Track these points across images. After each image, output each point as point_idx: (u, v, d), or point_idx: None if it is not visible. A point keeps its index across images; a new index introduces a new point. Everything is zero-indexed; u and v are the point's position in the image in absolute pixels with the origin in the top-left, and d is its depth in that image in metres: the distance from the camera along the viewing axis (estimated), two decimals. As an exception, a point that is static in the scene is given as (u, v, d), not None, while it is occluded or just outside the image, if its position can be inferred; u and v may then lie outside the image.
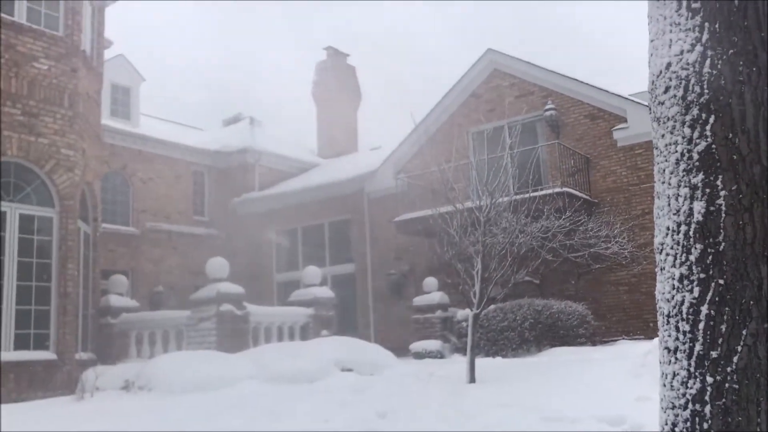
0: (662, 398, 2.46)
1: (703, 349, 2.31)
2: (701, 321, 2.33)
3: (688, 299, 2.38)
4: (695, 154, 2.45)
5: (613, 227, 14.65)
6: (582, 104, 16.37)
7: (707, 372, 2.29)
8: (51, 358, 10.72)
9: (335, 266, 20.13)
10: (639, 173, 15.33)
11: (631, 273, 15.00)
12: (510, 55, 17.75)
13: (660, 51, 2.67)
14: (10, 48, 10.83)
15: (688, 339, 2.36)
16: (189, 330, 12.14)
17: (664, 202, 2.59)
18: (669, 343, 2.44)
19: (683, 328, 2.39)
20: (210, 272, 12.49)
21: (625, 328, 15.03)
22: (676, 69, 2.58)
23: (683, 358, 2.37)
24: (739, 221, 2.31)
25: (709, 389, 2.27)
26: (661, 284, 2.55)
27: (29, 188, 11.10)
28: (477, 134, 17.35)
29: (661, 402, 2.47)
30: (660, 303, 2.55)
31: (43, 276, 11.00)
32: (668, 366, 2.43)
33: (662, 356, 2.50)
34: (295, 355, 10.95)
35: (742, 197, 2.32)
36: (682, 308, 2.40)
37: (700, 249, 2.37)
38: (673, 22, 2.60)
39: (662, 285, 2.54)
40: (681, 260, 2.43)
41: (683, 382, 2.35)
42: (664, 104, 2.64)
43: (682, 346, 2.38)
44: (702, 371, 2.30)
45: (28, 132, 10.92)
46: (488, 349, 13.51)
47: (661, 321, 2.53)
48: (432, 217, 11.61)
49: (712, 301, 2.32)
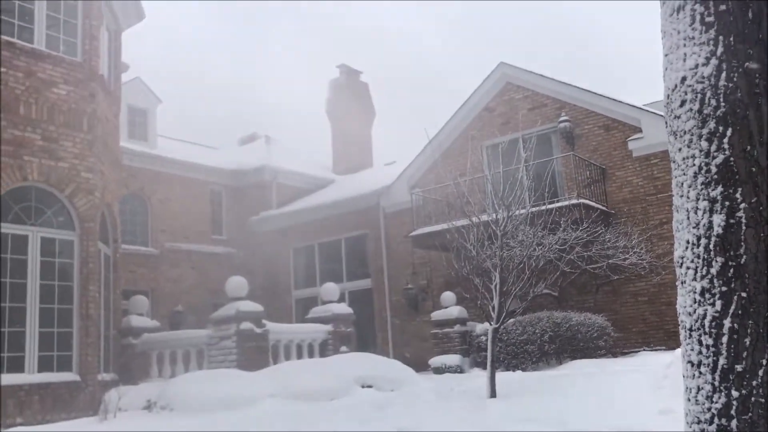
0: (687, 413, 2.45)
1: (727, 363, 2.31)
2: (724, 335, 2.33)
3: (710, 313, 2.38)
4: (713, 167, 2.46)
5: (631, 238, 14.58)
6: (596, 115, 16.35)
7: (732, 386, 2.28)
8: (74, 380, 10.80)
9: (352, 282, 20.15)
10: (655, 183, 15.26)
11: (650, 283, 14.90)
12: (522, 68, 17.79)
13: (675, 65, 2.69)
14: (30, 75, 11.01)
15: (711, 353, 2.36)
16: (210, 349, 12.19)
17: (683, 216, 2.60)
18: (692, 357, 2.44)
19: (706, 342, 2.38)
20: (229, 291, 12.56)
21: (646, 339, 14.90)
22: (691, 83, 2.60)
23: (707, 372, 2.36)
24: (759, 233, 2.31)
25: (735, 403, 2.27)
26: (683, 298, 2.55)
27: (50, 212, 11.24)
28: (491, 147, 17.36)
29: (686, 417, 2.46)
30: (682, 317, 2.55)
31: (65, 298, 11.11)
32: (692, 380, 2.43)
33: (686, 370, 2.50)
34: (315, 372, 10.97)
35: (762, 209, 2.33)
36: (705, 322, 2.40)
37: (721, 262, 2.37)
38: (687, 36, 2.62)
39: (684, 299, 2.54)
40: (702, 273, 2.44)
41: (708, 397, 2.35)
42: (680, 118, 2.65)
43: (706, 360, 2.38)
44: (727, 385, 2.30)
45: (49, 156, 11.08)
46: (508, 363, 13.45)
47: (683, 335, 2.53)
48: (448, 231, 11.61)
49: (735, 315, 2.32)
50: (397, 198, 19.14)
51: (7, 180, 10.54)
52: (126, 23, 14.42)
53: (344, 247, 20.69)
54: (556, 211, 12.91)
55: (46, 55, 11.34)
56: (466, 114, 18.48)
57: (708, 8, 2.54)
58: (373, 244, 19.78)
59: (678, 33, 2.66)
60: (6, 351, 10.20)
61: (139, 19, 14.52)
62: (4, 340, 10.21)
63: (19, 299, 10.51)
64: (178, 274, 19.86)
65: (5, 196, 10.57)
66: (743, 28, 2.47)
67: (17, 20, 11.17)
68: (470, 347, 14.90)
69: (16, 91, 10.81)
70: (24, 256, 10.69)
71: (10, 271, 10.50)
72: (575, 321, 13.71)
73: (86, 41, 12.01)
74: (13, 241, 10.60)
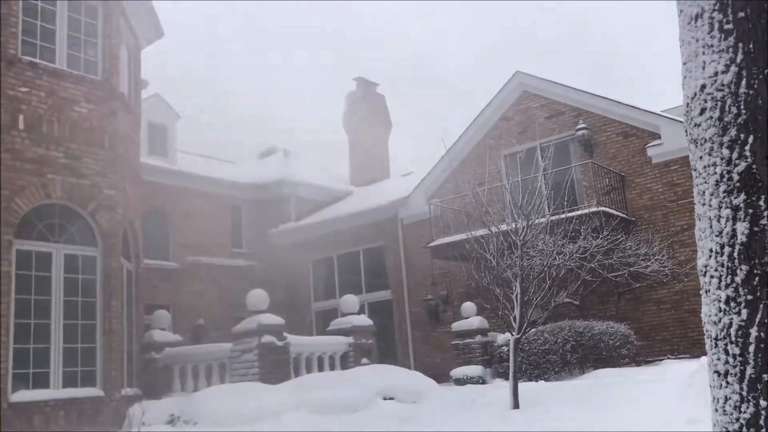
0: (715, 423, 2.43)
1: (754, 372, 2.29)
2: (751, 344, 2.31)
3: (736, 322, 2.36)
4: (735, 175, 2.44)
5: (652, 245, 14.46)
6: (614, 122, 16.28)
7: (761, 395, 2.26)
8: (98, 395, 10.89)
9: (371, 293, 20.14)
10: (676, 189, 15.14)
11: (672, 290, 14.75)
12: (538, 76, 17.77)
13: (694, 73, 2.68)
14: (52, 94, 11.20)
15: (738, 362, 2.34)
16: (232, 362, 12.24)
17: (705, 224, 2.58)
18: (719, 367, 2.42)
19: (733, 351, 2.36)
20: (250, 304, 12.61)
21: (670, 347, 14.74)
22: (711, 90, 2.59)
23: (734, 382, 2.34)
24: (784, 241, 2.29)
25: (764, 413, 2.25)
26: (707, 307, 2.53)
27: (73, 229, 11.38)
28: (509, 156, 17.33)
29: (714, 427, 2.44)
30: (707, 326, 2.53)
31: (88, 314, 11.23)
32: (719, 390, 2.41)
33: (712, 380, 2.48)
34: (336, 384, 10.97)
35: (786, 217, 2.31)
36: (731, 331, 2.38)
37: (745, 270, 2.36)
38: (706, 44, 2.62)
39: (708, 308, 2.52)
40: (726, 282, 2.42)
41: (736, 407, 2.32)
42: (700, 126, 2.64)
43: (733, 370, 2.36)
44: (755, 395, 2.27)
45: (71, 174, 11.24)
46: (530, 373, 13.35)
47: (709, 344, 2.51)
48: (467, 242, 11.59)
49: (762, 323, 2.29)
50: (415, 209, 19.14)
51: (31, 198, 10.70)
52: (145, 41, 14.62)
53: (363, 258, 20.71)
54: (575, 220, 12.84)
55: (68, 75, 11.53)
56: (482, 123, 18.48)
57: (727, 15, 2.53)
58: (392, 255, 19.78)
59: (696, 41, 2.65)
60: (32, 367, 10.33)
61: (157, 37, 14.71)
62: (30, 357, 10.34)
63: (43, 316, 10.65)
64: (200, 288, 19.98)
65: (29, 214, 10.73)
66: (762, 34, 2.46)
67: (39, 41, 11.38)
68: (492, 358, 14.82)
69: (39, 111, 11.00)
70: (48, 273, 10.83)
71: (35, 288, 10.64)
72: (597, 330, 13.60)
73: (106, 60, 12.20)
74: (37, 258, 10.75)
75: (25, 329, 10.38)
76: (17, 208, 10.50)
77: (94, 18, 12.26)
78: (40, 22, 11.46)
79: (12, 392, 9.92)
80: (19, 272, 10.45)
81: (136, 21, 13.83)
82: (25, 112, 10.82)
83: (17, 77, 10.82)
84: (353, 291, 18.00)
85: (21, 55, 10.98)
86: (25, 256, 10.61)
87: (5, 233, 10.27)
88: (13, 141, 10.63)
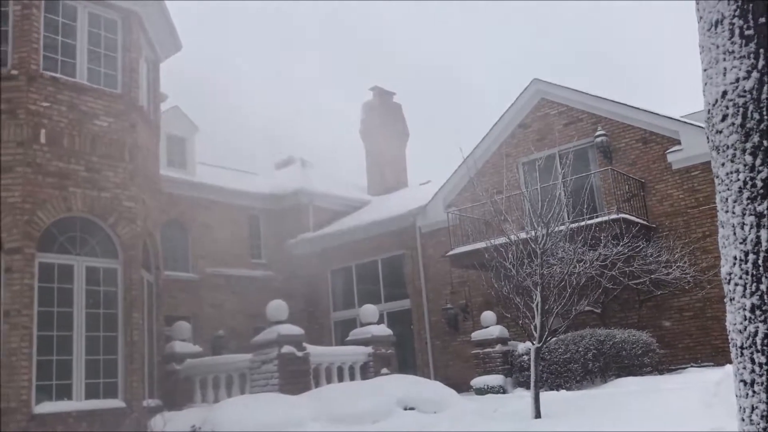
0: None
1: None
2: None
3: (762, 330, 2.33)
4: (759, 182, 2.41)
5: (674, 252, 14.32)
6: (633, 128, 16.17)
7: (788, 405, 2.23)
8: (120, 406, 10.96)
9: (390, 303, 20.12)
10: (697, 195, 14.99)
11: (695, 298, 14.59)
12: (556, 83, 17.72)
13: (714, 80, 2.66)
14: (73, 108, 11.35)
15: (765, 371, 2.31)
16: (252, 373, 12.26)
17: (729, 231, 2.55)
18: (745, 376, 2.38)
19: (759, 360, 2.33)
20: (270, 315, 12.64)
21: (693, 355, 14.56)
22: (732, 97, 2.57)
23: (761, 391, 2.31)
24: (809, 248, 2.26)
25: (792, 423, 2.21)
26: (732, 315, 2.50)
27: (94, 241, 11.49)
28: (528, 164, 17.28)
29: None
30: (732, 334, 2.50)
31: (109, 326, 11.32)
32: (746, 399, 2.37)
33: (738, 389, 2.44)
34: (357, 395, 10.95)
35: (811, 223, 2.28)
36: (756, 339, 2.35)
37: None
38: (726, 50, 2.59)
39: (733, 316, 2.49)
40: (751, 290, 2.39)
41: (763, 416, 2.29)
42: (722, 132, 2.62)
43: (759, 379, 2.32)
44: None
45: (92, 187, 11.36)
46: (551, 382, 13.25)
47: (734, 353, 2.47)
48: (486, 250, 11.55)
49: (788, 332, 2.26)
50: (433, 217, 19.12)
51: (53, 211, 10.83)
52: (164, 54, 14.77)
53: (381, 267, 20.71)
54: (595, 227, 12.75)
55: (88, 88, 11.68)
56: (500, 131, 18.44)
57: (747, 21, 2.51)
58: (411, 264, 19.75)
59: (717, 47, 2.63)
60: (55, 379, 10.42)
61: (176, 50, 14.86)
62: (53, 368, 10.44)
63: (65, 328, 10.75)
64: (219, 299, 20.07)
65: (51, 227, 10.85)
66: (784, 40, 2.43)
67: (60, 56, 11.55)
68: (512, 367, 14.73)
69: (60, 125, 11.15)
70: (70, 285, 10.94)
71: (57, 300, 10.76)
72: (619, 338, 13.48)
73: (126, 74, 12.35)
74: (59, 270, 10.87)
75: (47, 341, 10.49)
76: (39, 222, 10.63)
77: (113, 32, 12.42)
78: (61, 38, 11.63)
79: (35, 404, 10.02)
80: (41, 285, 10.58)
81: (155, 34, 13.98)
82: (46, 126, 10.98)
83: (39, 92, 10.99)
84: (372, 300, 18.00)
85: (42, 70, 11.15)
86: (48, 268, 10.74)
87: (27, 246, 10.40)
88: (35, 155, 10.78)
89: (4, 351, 9.92)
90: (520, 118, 18.20)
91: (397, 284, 20.25)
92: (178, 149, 21.02)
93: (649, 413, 8.26)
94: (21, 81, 10.87)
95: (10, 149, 10.64)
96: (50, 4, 11.54)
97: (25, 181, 10.56)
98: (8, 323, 10.04)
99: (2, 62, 11.00)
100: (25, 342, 10.04)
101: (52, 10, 11.58)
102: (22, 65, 10.93)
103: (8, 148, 10.63)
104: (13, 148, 10.65)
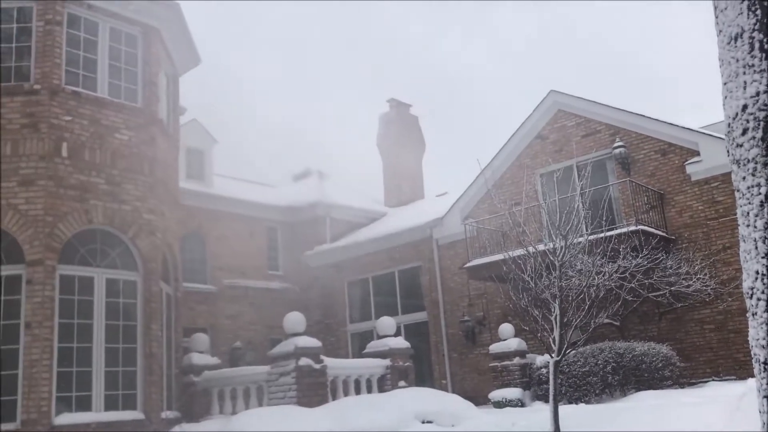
0: (766, 450, 2.37)
1: (806, 399, 2.23)
2: (802, 369, 2.26)
3: (785, 346, 2.31)
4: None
5: (694, 264, 14.19)
6: (651, 140, 16.08)
7: (813, 422, 2.20)
8: (139, 418, 11.01)
9: (407, 315, 20.07)
10: (717, 207, 14.85)
11: (716, 310, 14.43)
12: (573, 95, 17.67)
13: (735, 93, 2.65)
14: (94, 122, 11.50)
15: (789, 388, 2.29)
16: (269, 385, 12.27)
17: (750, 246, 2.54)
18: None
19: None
20: (287, 327, 12.66)
21: (714, 368, 14.37)
22: (753, 110, 2.56)
23: (785, 408, 2.29)
24: (832, 263, 2.24)
25: (816, 440, 2.19)
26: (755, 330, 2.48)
27: (114, 253, 11.60)
28: (546, 175, 17.22)
29: (765, 454, 2.38)
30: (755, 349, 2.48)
31: (129, 338, 11.40)
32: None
33: (762, 405, 2.42)
34: (374, 407, 10.93)
35: (833, 238, 2.26)
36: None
37: (794, 293, 2.31)
38: (747, 64, 2.59)
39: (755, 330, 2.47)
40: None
41: (787, 433, 2.27)
42: (743, 146, 2.61)
43: (783, 395, 2.30)
44: (807, 422, 2.22)
45: (112, 200, 11.48)
46: (570, 396, 13.15)
47: (757, 368, 2.45)
48: (504, 262, 11.51)
49: (812, 348, 2.24)
50: (450, 229, 19.09)
51: (74, 223, 10.96)
52: (183, 68, 14.93)
53: (398, 279, 20.68)
54: (614, 239, 12.66)
55: (109, 102, 11.84)
56: (518, 143, 18.41)
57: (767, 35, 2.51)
58: (428, 276, 19.71)
59: (737, 61, 2.63)
60: (74, 390, 10.50)
61: (195, 64, 15.01)
62: (73, 380, 10.53)
63: (85, 339, 10.85)
64: (237, 311, 20.14)
65: (72, 239, 10.98)
66: (804, 53, 2.43)
67: (81, 71, 11.72)
68: (530, 380, 14.62)
69: (81, 138, 11.31)
70: (90, 297, 11.04)
71: (77, 312, 10.86)
72: (639, 351, 13.35)
73: (146, 88, 12.50)
74: (79, 282, 10.98)
75: (67, 353, 10.59)
76: (60, 234, 10.76)
77: (134, 47, 12.59)
78: (83, 53, 11.81)
79: (55, 415, 10.10)
80: (62, 297, 10.69)
81: (174, 49, 14.14)
82: (68, 140, 11.13)
83: (61, 106, 11.15)
84: (389, 312, 17.96)
85: (65, 85, 11.32)
86: (68, 280, 10.85)
87: (49, 258, 10.52)
88: (57, 168, 10.93)
89: (25, 362, 10.03)
90: (537, 129, 18.16)
91: (414, 296, 20.20)
92: (197, 162, 21.18)
93: (671, 428, 8.16)
94: (43, 95, 11.05)
95: (33, 162, 10.80)
96: (72, 19, 11.73)
97: (46, 194, 10.70)
98: (29, 335, 10.15)
99: (25, 77, 11.19)
100: (45, 354, 10.14)
101: (74, 25, 11.77)
102: (45, 80, 11.10)
103: (31, 161, 10.79)
104: (36, 161, 10.81)
